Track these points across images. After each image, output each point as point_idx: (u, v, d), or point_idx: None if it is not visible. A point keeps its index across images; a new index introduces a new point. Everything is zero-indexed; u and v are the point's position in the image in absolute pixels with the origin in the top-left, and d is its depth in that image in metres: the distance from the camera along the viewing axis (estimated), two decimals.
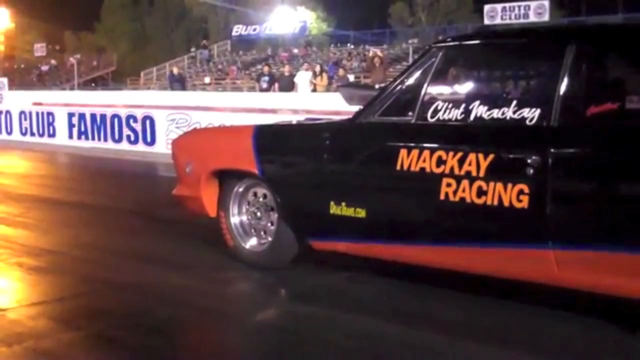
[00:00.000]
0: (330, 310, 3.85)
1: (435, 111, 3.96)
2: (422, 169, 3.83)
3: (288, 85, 20.23)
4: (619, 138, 3.37)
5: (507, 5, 38.28)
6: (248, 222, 4.88)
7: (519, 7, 37.69)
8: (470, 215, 3.71)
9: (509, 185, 3.52)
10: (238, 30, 44.64)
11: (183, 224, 5.86)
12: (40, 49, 49.70)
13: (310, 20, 46.06)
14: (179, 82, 23.75)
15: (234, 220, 4.91)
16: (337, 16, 48.33)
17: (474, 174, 3.64)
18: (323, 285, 4.36)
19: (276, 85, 20.71)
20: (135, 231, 5.77)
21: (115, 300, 4.03)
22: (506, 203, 3.53)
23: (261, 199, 4.80)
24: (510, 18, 38.49)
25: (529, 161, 3.47)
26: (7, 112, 15.83)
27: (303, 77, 21.16)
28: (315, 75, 21.31)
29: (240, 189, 4.89)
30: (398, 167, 3.94)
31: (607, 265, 3.30)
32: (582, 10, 45.61)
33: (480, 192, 3.62)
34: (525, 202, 3.47)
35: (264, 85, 20.81)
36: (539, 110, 3.57)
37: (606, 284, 3.35)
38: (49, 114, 14.85)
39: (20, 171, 10.88)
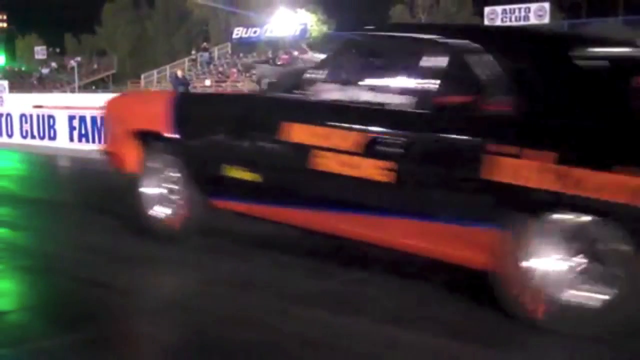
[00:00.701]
0: (330, 313, 3.84)
1: (327, 91, 4.52)
2: (308, 141, 4.37)
3: None
4: (462, 126, 3.89)
5: (507, 7, 38.30)
6: (160, 191, 5.30)
7: (519, 9, 37.72)
8: (343, 185, 4.23)
9: (375, 161, 4.06)
10: (239, 32, 44.70)
11: None
12: (40, 52, 49.75)
13: (310, 22, 46.11)
14: (183, 85, 23.78)
15: (147, 190, 5.36)
16: (337, 19, 48.35)
17: (350, 149, 4.16)
18: (322, 288, 4.35)
19: None
20: (139, 235, 5.76)
21: (114, 303, 4.03)
22: (372, 177, 4.06)
23: (173, 173, 5.20)
24: (510, 20, 38.53)
25: (391, 141, 4.03)
26: (8, 114, 15.83)
27: None
28: None
29: (155, 164, 5.33)
30: (288, 139, 4.47)
31: (448, 236, 3.82)
32: (583, 12, 45.67)
33: (352, 166, 4.15)
34: (386, 176, 4.00)
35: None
36: (406, 98, 4.14)
37: (448, 254, 3.87)
38: (50, 116, 14.83)
39: (19, 174, 10.89)
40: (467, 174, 3.75)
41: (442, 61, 4.07)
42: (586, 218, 3.43)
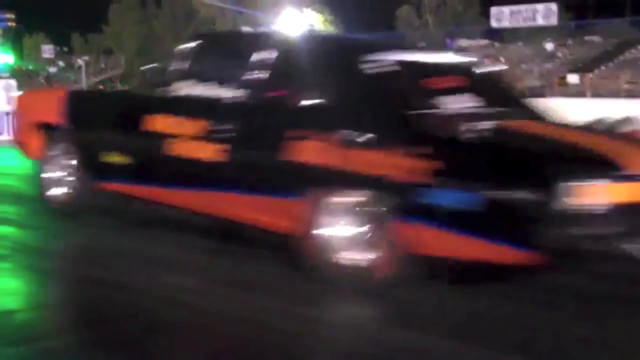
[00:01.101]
0: (326, 312, 3.88)
1: (181, 88, 5.43)
2: (164, 130, 5.26)
3: None
4: (276, 115, 4.85)
5: (514, 8, 38.30)
6: (58, 175, 6.16)
7: (527, 10, 37.70)
8: (190, 166, 5.10)
9: (212, 145, 4.92)
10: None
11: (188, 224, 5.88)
12: (48, 51, 49.85)
13: (317, 22, 46.10)
14: None
15: (47, 174, 6.22)
16: (344, 19, 48.29)
17: (195, 135, 5.04)
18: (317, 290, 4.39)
19: None
20: (146, 234, 5.80)
21: (123, 304, 4.06)
22: (211, 157, 4.92)
23: (68, 160, 6.07)
24: (518, 21, 38.51)
25: (223, 128, 4.90)
26: None
27: None
28: None
29: (54, 151, 6.18)
30: (151, 128, 5.37)
31: (268, 207, 4.66)
32: (590, 13, 45.58)
33: (197, 149, 5.01)
34: (220, 156, 4.86)
35: None
36: (237, 91, 5.04)
37: (267, 223, 4.69)
38: None
39: (27, 172, 10.92)
40: (276, 154, 4.58)
41: (268, 62, 5.04)
42: (363, 191, 4.21)
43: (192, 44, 5.67)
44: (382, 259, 4.13)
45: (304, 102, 4.77)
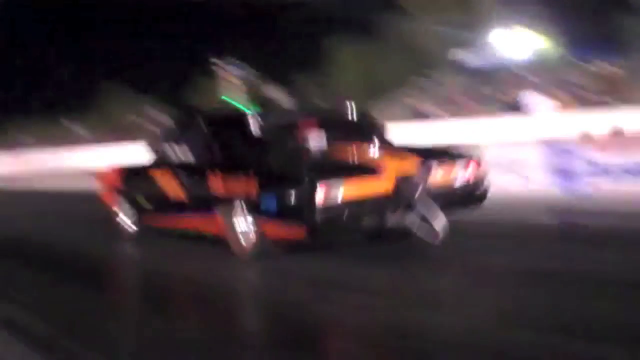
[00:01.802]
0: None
1: (169, 155, 11.62)
2: (160, 183, 11.52)
3: (532, 110, 20.47)
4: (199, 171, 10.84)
5: None
6: (127, 212, 12.99)
7: None
8: (173, 202, 11.10)
9: (184, 189, 11.16)
10: (463, 57, 44.60)
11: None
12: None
13: (538, 42, 44.97)
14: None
15: (120, 211, 13.06)
16: (567, 36, 46.15)
17: (174, 184, 11.06)
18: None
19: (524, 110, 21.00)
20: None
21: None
22: (181, 196, 11.26)
23: (130, 207, 12.71)
24: None
25: (185, 179, 11.17)
26: None
27: (545, 103, 21.36)
28: (556, 100, 21.35)
29: (122, 202, 12.81)
30: (153, 183, 11.71)
31: (210, 221, 10.45)
32: None
33: (175, 192, 11.17)
34: (185, 196, 11.32)
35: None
36: (191, 156, 11.32)
37: (213, 230, 10.43)
38: None
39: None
40: (205, 189, 10.12)
41: (202, 135, 11.07)
42: (238, 201, 9.41)
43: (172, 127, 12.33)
44: (261, 240, 8.41)
45: (215, 155, 10.15)
